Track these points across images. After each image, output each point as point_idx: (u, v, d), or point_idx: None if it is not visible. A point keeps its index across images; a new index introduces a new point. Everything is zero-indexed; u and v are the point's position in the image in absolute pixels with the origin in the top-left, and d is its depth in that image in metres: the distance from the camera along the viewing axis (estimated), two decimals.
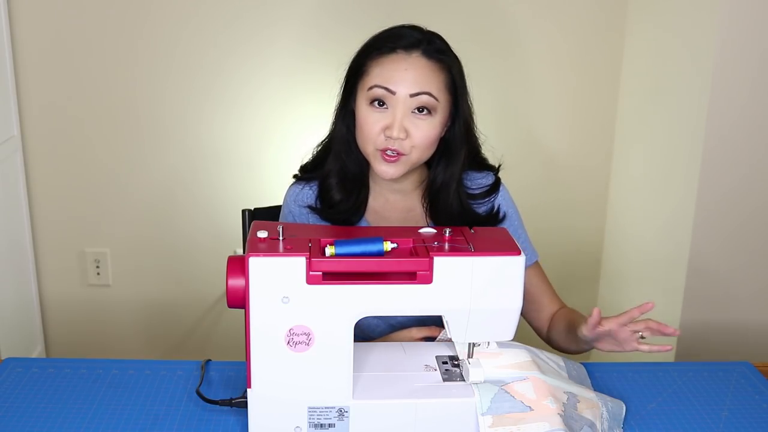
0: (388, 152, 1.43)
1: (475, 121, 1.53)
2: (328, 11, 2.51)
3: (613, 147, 2.69)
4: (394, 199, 1.56)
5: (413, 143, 1.43)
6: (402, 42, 1.44)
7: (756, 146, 2.10)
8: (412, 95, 1.41)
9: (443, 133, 1.48)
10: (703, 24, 2.10)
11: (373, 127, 1.43)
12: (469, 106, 1.50)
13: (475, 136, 1.54)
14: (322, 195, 1.55)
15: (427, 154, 1.47)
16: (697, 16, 2.14)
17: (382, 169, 1.45)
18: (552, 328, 1.58)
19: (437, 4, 2.49)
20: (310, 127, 2.56)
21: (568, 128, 2.68)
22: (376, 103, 1.43)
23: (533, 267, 1.60)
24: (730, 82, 2.06)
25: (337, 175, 1.53)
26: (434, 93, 1.42)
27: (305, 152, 1.62)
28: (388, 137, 1.42)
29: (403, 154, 1.43)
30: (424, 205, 1.55)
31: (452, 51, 1.48)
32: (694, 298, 2.22)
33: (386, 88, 1.41)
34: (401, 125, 1.41)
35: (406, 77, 1.41)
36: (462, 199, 1.53)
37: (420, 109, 1.42)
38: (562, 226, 2.73)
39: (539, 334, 1.63)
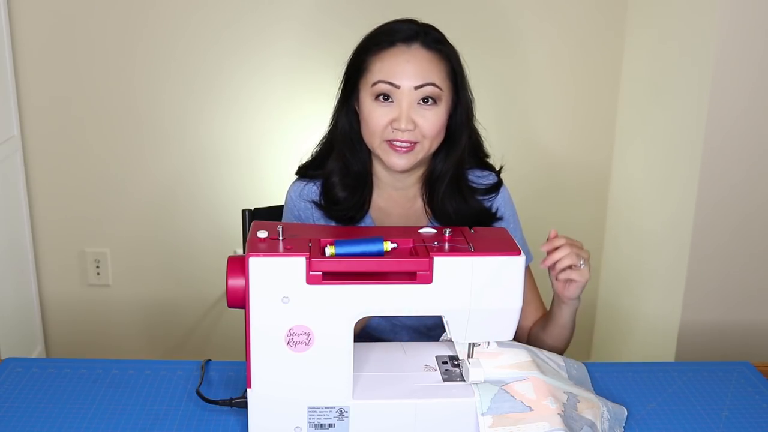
0: (397, 143, 1.43)
1: (475, 111, 1.53)
2: (327, 11, 2.51)
3: (613, 147, 2.69)
4: (397, 195, 1.56)
5: (422, 133, 1.44)
6: (400, 35, 1.44)
7: (756, 146, 2.10)
8: (417, 87, 1.42)
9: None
10: (702, 24, 2.10)
11: (379, 121, 1.43)
12: (469, 93, 1.51)
13: (475, 126, 1.55)
14: (326, 193, 1.55)
15: (436, 143, 1.48)
16: (697, 17, 2.14)
17: (392, 161, 1.45)
18: (531, 337, 1.57)
19: (437, 4, 2.49)
20: (310, 127, 2.56)
21: (569, 128, 2.68)
22: (382, 97, 1.43)
23: (526, 270, 1.59)
24: (730, 82, 2.06)
25: (339, 173, 1.53)
26: (437, 83, 1.43)
27: (306, 152, 1.62)
28: (396, 129, 1.42)
29: (415, 143, 1.44)
30: (423, 196, 1.55)
31: (448, 41, 1.49)
32: (694, 298, 2.22)
33: (390, 83, 1.42)
34: (408, 117, 1.42)
35: (408, 70, 1.42)
36: (462, 189, 1.53)
37: (425, 99, 1.43)
38: (562, 226, 2.70)
39: (518, 339, 1.61)
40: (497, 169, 1.61)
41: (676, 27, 2.28)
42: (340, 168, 1.53)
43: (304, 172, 1.59)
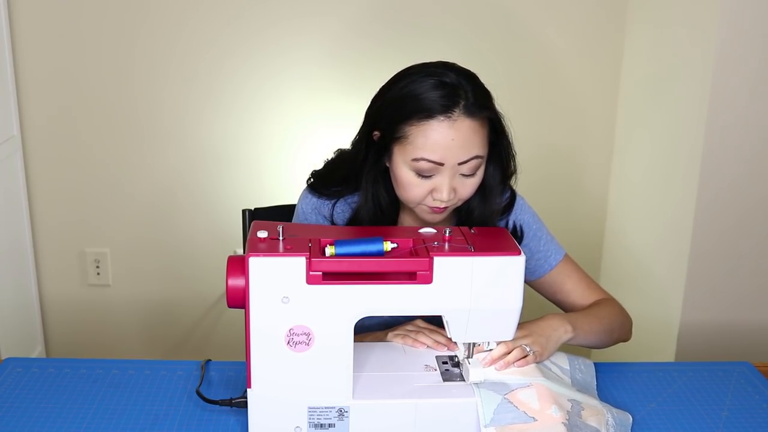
0: (435, 207, 1.42)
1: (516, 166, 1.50)
2: (328, 12, 2.51)
3: (613, 147, 2.69)
4: (420, 221, 1.55)
5: (460, 197, 1.42)
6: (440, 103, 1.36)
7: (756, 145, 2.10)
8: (461, 163, 1.37)
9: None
10: (703, 23, 2.10)
11: (419, 191, 1.40)
12: (511, 153, 1.48)
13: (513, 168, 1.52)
14: (353, 223, 1.52)
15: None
16: (697, 15, 2.14)
17: (429, 218, 1.44)
18: None
19: (436, 5, 2.49)
20: (309, 127, 2.57)
21: (568, 128, 2.68)
22: (423, 172, 1.39)
23: (560, 265, 1.56)
24: (731, 80, 2.06)
25: (368, 213, 1.49)
26: (480, 153, 1.39)
27: (306, 153, 1.61)
28: (437, 199, 1.39)
29: (450, 205, 1.43)
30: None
31: (490, 96, 1.43)
32: (694, 298, 2.21)
33: (435, 162, 1.36)
34: (450, 188, 1.38)
35: (453, 146, 1.35)
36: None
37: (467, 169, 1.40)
38: (562, 227, 2.71)
39: None
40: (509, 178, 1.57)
41: (676, 26, 2.28)
42: (370, 208, 1.49)
43: (319, 190, 1.55)
